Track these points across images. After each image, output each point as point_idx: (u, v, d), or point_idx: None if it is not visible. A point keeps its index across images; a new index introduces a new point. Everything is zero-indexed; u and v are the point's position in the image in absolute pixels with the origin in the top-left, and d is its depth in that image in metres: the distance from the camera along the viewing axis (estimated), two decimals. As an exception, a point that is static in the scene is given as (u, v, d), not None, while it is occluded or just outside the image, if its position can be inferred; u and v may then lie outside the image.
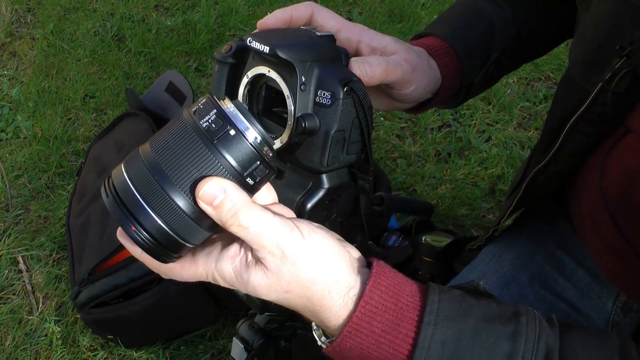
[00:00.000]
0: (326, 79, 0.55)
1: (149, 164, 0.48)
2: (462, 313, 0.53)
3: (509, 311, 0.54)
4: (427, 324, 0.51)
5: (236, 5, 2.27)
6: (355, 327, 0.52)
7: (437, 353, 0.51)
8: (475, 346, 0.51)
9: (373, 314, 0.51)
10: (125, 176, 0.49)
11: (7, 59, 2.15)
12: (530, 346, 0.51)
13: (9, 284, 1.47)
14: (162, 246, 0.49)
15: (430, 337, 0.51)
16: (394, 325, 0.52)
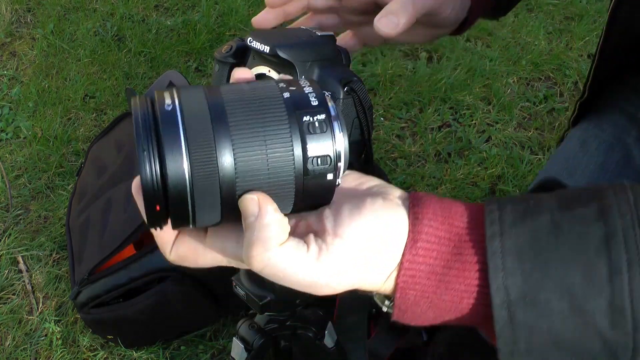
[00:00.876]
0: (326, 79, 0.55)
1: (210, 100, 0.39)
2: (531, 211, 0.42)
3: (588, 190, 0.43)
4: (492, 237, 0.41)
5: (236, 5, 2.27)
6: (410, 274, 0.42)
7: (515, 268, 0.40)
8: (559, 243, 0.40)
9: (426, 250, 0.42)
10: (176, 100, 0.39)
11: (7, 59, 2.15)
12: (629, 219, 0.40)
13: (9, 284, 1.47)
14: (165, 201, 0.40)
15: (500, 252, 0.41)
16: (455, 255, 0.42)
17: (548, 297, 0.40)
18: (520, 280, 0.40)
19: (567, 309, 0.40)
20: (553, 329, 0.40)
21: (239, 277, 0.74)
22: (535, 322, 0.40)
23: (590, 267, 0.39)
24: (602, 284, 0.39)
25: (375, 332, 1.28)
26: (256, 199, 0.40)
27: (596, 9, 2.31)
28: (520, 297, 0.40)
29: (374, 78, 1.99)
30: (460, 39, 2.16)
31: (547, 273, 0.40)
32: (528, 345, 0.41)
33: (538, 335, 0.41)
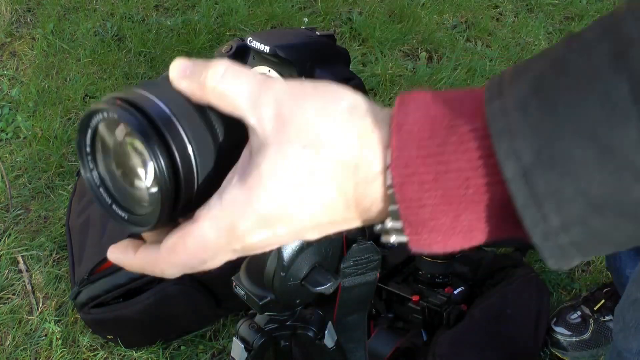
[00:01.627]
0: (326, 78, 0.55)
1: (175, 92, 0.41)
2: (533, 61, 0.35)
3: (605, 15, 0.34)
4: (490, 99, 0.34)
5: (236, 5, 2.27)
6: (402, 163, 0.35)
7: (521, 122, 0.33)
8: (565, 76, 0.32)
9: (415, 133, 0.35)
10: (157, 100, 0.40)
11: (7, 59, 2.15)
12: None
13: (9, 284, 1.47)
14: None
15: (501, 111, 0.33)
16: (450, 128, 0.34)
17: (567, 145, 0.32)
18: (530, 136, 0.33)
19: (593, 153, 0.32)
20: (582, 186, 0.32)
21: (239, 277, 0.74)
22: (560, 184, 0.32)
23: (608, 91, 0.31)
24: (627, 107, 0.31)
25: (375, 332, 1.28)
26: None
27: (596, 9, 2.31)
28: (534, 158, 0.32)
29: (374, 78, 1.99)
30: (460, 39, 2.16)
31: (559, 118, 0.32)
32: (562, 218, 0.33)
33: (568, 202, 0.33)
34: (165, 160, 0.38)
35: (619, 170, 0.31)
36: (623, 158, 0.31)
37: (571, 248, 0.34)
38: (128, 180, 0.41)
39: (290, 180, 0.36)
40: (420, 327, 1.28)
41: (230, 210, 0.38)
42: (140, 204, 0.41)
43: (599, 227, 0.33)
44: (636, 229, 0.33)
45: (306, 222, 0.38)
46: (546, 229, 0.33)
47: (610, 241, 0.34)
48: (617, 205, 0.32)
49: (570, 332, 1.32)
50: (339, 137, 0.36)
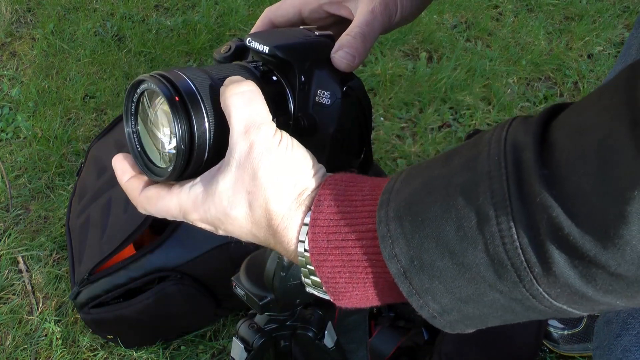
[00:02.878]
0: (326, 78, 0.55)
1: (211, 78, 0.50)
2: (417, 172, 0.42)
3: (476, 138, 0.41)
4: (380, 205, 0.41)
5: (236, 5, 2.27)
6: (318, 252, 0.44)
7: (399, 234, 0.39)
8: (431, 200, 0.39)
9: (327, 226, 0.43)
10: (187, 78, 0.49)
11: (7, 59, 2.15)
12: (496, 160, 0.36)
13: (9, 284, 1.47)
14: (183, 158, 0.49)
15: (385, 219, 0.40)
16: (350, 226, 0.43)
17: (432, 258, 0.38)
18: (405, 245, 0.39)
19: (452, 266, 0.38)
20: (449, 288, 0.39)
21: (239, 277, 0.74)
22: (431, 285, 0.39)
23: (460, 219, 0.37)
24: (475, 235, 0.36)
25: (376, 332, 1.28)
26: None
27: (596, 9, 2.31)
28: (409, 262, 0.39)
29: (374, 78, 1.99)
30: (460, 39, 2.16)
31: (424, 233, 0.38)
32: (440, 305, 0.40)
33: (441, 296, 0.39)
34: (185, 127, 0.48)
35: (475, 282, 0.37)
36: (476, 273, 0.37)
37: (457, 323, 0.41)
38: (156, 139, 0.52)
39: (230, 214, 0.47)
40: (421, 326, 1.28)
41: (191, 201, 0.49)
42: (161, 159, 0.52)
43: (472, 312, 0.40)
44: (504, 316, 0.39)
45: (237, 234, 0.49)
46: (430, 311, 0.40)
47: (487, 321, 0.41)
48: (480, 302, 0.38)
49: (562, 325, 1.33)
50: (272, 205, 0.46)
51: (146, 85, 0.50)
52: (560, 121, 0.36)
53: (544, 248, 0.35)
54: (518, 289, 0.36)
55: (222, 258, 1.28)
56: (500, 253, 0.36)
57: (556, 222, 0.34)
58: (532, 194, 0.35)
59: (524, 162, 0.35)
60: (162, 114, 0.51)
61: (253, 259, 0.75)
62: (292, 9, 0.64)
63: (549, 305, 0.37)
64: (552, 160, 0.35)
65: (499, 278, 0.37)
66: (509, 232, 0.35)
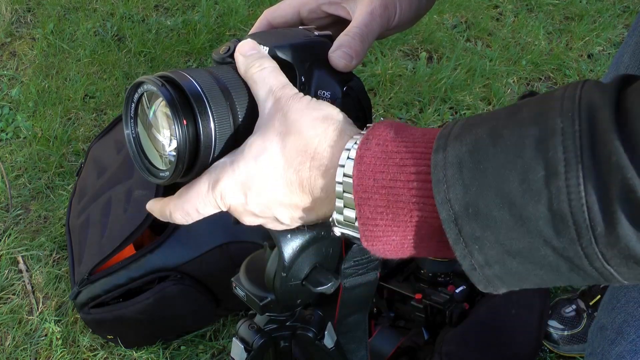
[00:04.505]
0: (325, 78, 0.55)
1: (216, 79, 0.51)
2: (479, 122, 0.41)
3: (544, 94, 0.40)
4: (436, 150, 0.40)
5: (236, 5, 2.27)
6: (361, 189, 0.43)
7: (456, 179, 0.39)
8: (497, 149, 0.38)
9: (374, 164, 0.43)
10: (192, 80, 0.49)
11: (7, 59, 2.15)
12: (569, 117, 0.36)
13: (9, 284, 1.47)
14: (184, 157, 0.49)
15: (443, 164, 0.40)
16: (400, 167, 0.42)
17: (489, 207, 0.38)
18: (462, 191, 0.39)
19: (509, 217, 0.38)
20: (500, 239, 0.39)
21: (239, 278, 0.74)
22: (482, 234, 0.39)
23: (526, 171, 0.37)
24: (540, 189, 0.36)
25: (376, 332, 1.28)
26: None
27: (596, 9, 2.31)
28: (463, 209, 0.39)
29: (374, 78, 1.99)
30: (460, 39, 2.16)
31: (485, 181, 0.38)
32: (484, 256, 0.40)
33: (489, 247, 0.39)
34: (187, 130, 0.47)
35: (530, 235, 0.37)
36: (534, 227, 0.37)
37: (494, 279, 0.41)
38: (156, 141, 0.51)
39: (260, 158, 0.47)
40: (421, 326, 1.28)
41: (219, 169, 0.49)
42: (161, 161, 0.51)
43: (515, 268, 0.39)
44: (545, 275, 0.39)
45: (270, 196, 0.48)
46: (473, 262, 0.40)
47: (526, 280, 0.41)
48: (529, 257, 0.38)
49: (562, 326, 1.33)
50: (306, 131, 0.46)
51: (146, 87, 0.50)
52: (635, 89, 0.36)
53: (611, 208, 0.35)
54: (573, 247, 0.36)
55: (222, 258, 1.28)
56: (564, 209, 0.36)
57: (630, 184, 0.34)
58: (606, 154, 0.35)
59: (599, 121, 0.35)
60: (162, 116, 0.51)
61: (253, 260, 0.75)
62: (291, 9, 0.64)
63: (598, 266, 0.37)
64: (626, 125, 0.35)
65: (557, 234, 0.37)
66: (577, 189, 0.35)
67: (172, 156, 0.50)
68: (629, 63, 0.92)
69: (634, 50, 0.90)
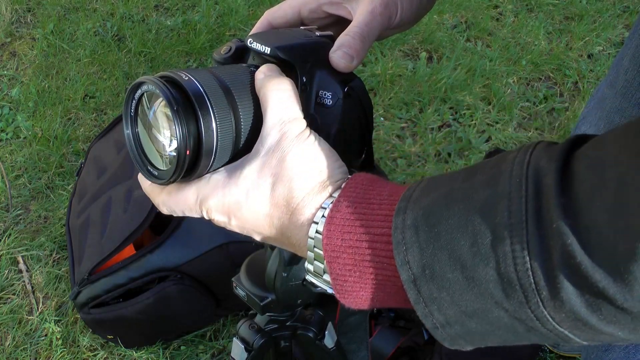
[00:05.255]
0: (327, 79, 0.55)
1: (217, 79, 0.51)
2: (438, 185, 0.42)
3: (500, 156, 0.41)
4: (397, 212, 0.42)
5: (236, 5, 2.27)
6: (331, 249, 0.45)
7: (413, 242, 0.40)
8: (450, 213, 0.39)
9: (342, 225, 0.45)
10: (194, 80, 0.49)
11: (7, 59, 2.15)
12: (518, 181, 0.37)
13: (9, 284, 1.47)
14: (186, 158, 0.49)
15: (401, 226, 0.41)
16: (365, 228, 0.44)
17: (443, 269, 0.39)
18: (418, 253, 0.40)
19: (462, 279, 0.39)
20: (456, 300, 0.40)
21: (239, 278, 0.74)
22: (439, 295, 0.40)
23: (476, 235, 0.38)
24: (488, 253, 0.37)
25: (376, 332, 1.28)
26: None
27: (596, 9, 2.31)
28: (421, 271, 0.40)
29: (374, 78, 1.99)
30: (460, 39, 2.16)
31: (438, 244, 0.39)
32: (444, 317, 0.41)
33: (447, 308, 0.40)
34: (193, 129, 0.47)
35: (483, 297, 0.38)
36: (485, 289, 0.38)
37: (457, 338, 0.42)
38: (156, 141, 0.51)
39: (250, 194, 0.49)
40: (421, 326, 1.28)
41: (211, 187, 0.50)
42: (161, 161, 0.51)
43: (474, 328, 0.41)
44: (505, 335, 0.41)
45: (251, 227, 0.50)
46: (434, 321, 0.41)
47: (488, 339, 0.42)
48: (485, 318, 0.39)
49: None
50: (295, 184, 0.48)
51: (146, 87, 0.50)
52: (582, 152, 0.37)
53: (554, 273, 0.35)
54: (523, 310, 0.37)
55: (222, 258, 1.28)
56: (511, 273, 0.37)
57: (569, 250, 0.35)
58: (549, 220, 0.35)
59: (544, 187, 0.36)
60: (162, 116, 0.51)
61: (253, 260, 0.75)
62: (291, 9, 0.64)
63: (551, 328, 0.38)
64: (571, 190, 0.35)
65: (506, 297, 0.37)
66: (521, 254, 0.36)
67: (172, 156, 0.50)
68: (628, 66, 0.92)
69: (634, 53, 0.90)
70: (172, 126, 0.48)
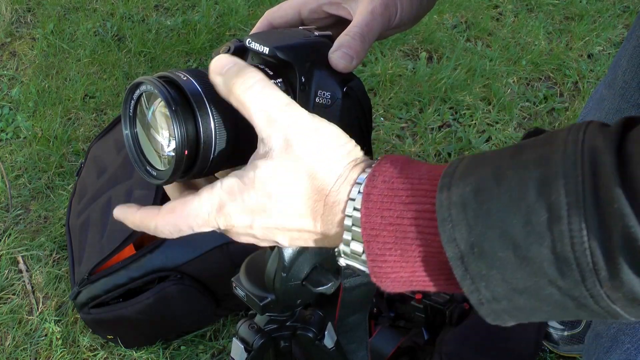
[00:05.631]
0: (326, 79, 0.55)
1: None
2: (483, 161, 0.41)
3: (548, 134, 0.40)
4: (441, 189, 0.41)
5: (236, 5, 2.27)
6: (369, 227, 0.43)
7: (460, 219, 0.39)
8: (501, 191, 0.38)
9: (381, 202, 0.43)
10: (192, 80, 0.49)
11: (7, 59, 2.15)
12: (572, 160, 0.36)
13: (9, 284, 1.47)
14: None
15: (447, 203, 0.40)
16: (407, 205, 0.42)
17: (493, 247, 0.39)
18: (466, 232, 0.39)
19: (514, 258, 0.38)
20: (506, 278, 0.39)
21: (239, 278, 0.74)
22: (488, 272, 0.39)
23: (530, 214, 0.37)
24: (543, 232, 0.37)
25: (376, 332, 1.28)
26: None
27: (596, 9, 2.31)
28: (468, 249, 0.39)
29: (374, 78, 1.99)
30: (460, 39, 2.16)
31: (489, 222, 0.39)
32: (492, 293, 0.40)
33: (496, 285, 0.40)
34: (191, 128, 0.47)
35: (535, 276, 0.38)
36: (538, 268, 0.38)
37: (503, 313, 0.41)
38: (155, 141, 0.51)
39: (274, 195, 0.46)
40: (421, 326, 1.28)
41: (226, 192, 0.47)
42: (160, 161, 0.51)
43: (523, 304, 0.40)
44: (553, 311, 0.40)
45: (278, 222, 0.47)
46: (480, 297, 0.41)
47: (534, 314, 0.41)
48: (535, 295, 0.39)
49: (562, 327, 1.33)
50: (322, 172, 0.46)
51: (144, 87, 0.50)
52: (636, 134, 0.36)
53: (613, 254, 0.35)
54: (578, 288, 0.37)
55: (222, 258, 1.28)
56: (567, 252, 0.36)
57: (631, 232, 0.34)
58: (608, 200, 0.35)
59: (601, 166, 0.36)
60: (160, 116, 0.51)
61: (253, 260, 0.75)
62: (291, 10, 0.64)
63: (604, 306, 0.38)
64: (627, 172, 0.35)
65: (561, 275, 0.37)
66: (579, 233, 0.36)
67: (170, 156, 0.50)
68: (626, 67, 0.92)
69: (632, 54, 0.90)
70: (170, 126, 0.48)
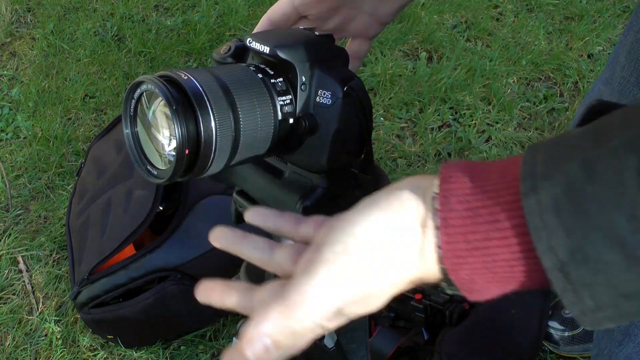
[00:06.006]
0: (326, 78, 0.55)
1: (217, 78, 0.51)
2: (563, 155, 0.37)
3: (625, 114, 0.36)
4: (526, 194, 0.36)
5: (236, 5, 2.27)
6: (453, 256, 0.39)
7: (556, 224, 0.35)
8: (595, 186, 0.35)
9: (462, 226, 0.39)
10: (193, 79, 0.49)
11: (7, 59, 2.15)
12: None
13: (9, 284, 1.47)
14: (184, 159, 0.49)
15: (538, 209, 0.36)
16: (491, 223, 0.38)
17: (597, 250, 0.35)
18: (564, 237, 0.35)
19: (621, 259, 0.35)
20: (613, 282, 0.36)
21: (239, 278, 0.74)
22: (593, 279, 0.36)
23: (633, 207, 0.33)
24: None
25: (376, 332, 1.28)
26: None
27: (596, 9, 2.31)
28: (569, 256, 0.36)
29: (374, 78, 1.99)
30: (460, 39, 2.16)
31: (589, 223, 0.35)
32: (596, 301, 0.37)
33: (601, 291, 0.36)
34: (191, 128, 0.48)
35: None
36: None
37: (605, 320, 0.38)
38: (156, 140, 0.52)
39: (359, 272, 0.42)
40: (421, 326, 1.28)
41: (331, 280, 0.41)
42: (161, 160, 0.52)
43: (630, 308, 0.37)
44: None
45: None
46: (583, 308, 0.37)
47: (637, 317, 0.38)
48: None
49: (563, 327, 1.33)
50: (401, 237, 0.41)
51: (145, 86, 0.50)
52: None
53: None
54: None
55: (222, 258, 1.27)
56: None
57: None
58: None
59: None
60: (161, 116, 0.51)
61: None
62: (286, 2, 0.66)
63: None
64: None
65: None
66: None
67: (171, 156, 0.50)
68: (624, 63, 0.92)
69: (629, 50, 0.90)
70: (171, 126, 0.48)
